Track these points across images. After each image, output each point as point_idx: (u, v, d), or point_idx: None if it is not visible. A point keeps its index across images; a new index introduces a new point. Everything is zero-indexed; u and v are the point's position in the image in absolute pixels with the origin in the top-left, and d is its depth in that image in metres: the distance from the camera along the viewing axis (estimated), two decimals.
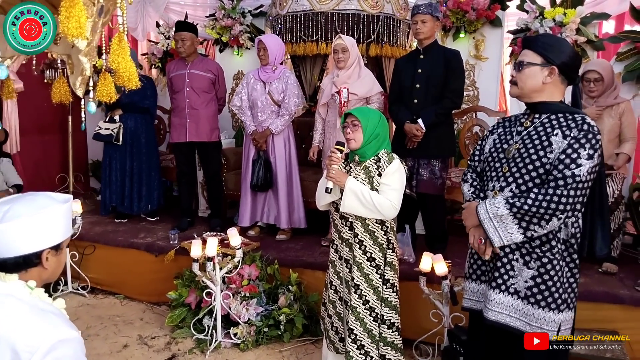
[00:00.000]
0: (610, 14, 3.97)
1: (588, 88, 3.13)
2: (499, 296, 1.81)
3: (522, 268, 1.77)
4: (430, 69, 3.15)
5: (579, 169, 1.63)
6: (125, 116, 4.26)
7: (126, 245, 3.77)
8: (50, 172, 5.34)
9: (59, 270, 1.35)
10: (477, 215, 1.80)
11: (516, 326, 1.78)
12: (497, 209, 1.74)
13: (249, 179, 3.76)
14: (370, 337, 2.29)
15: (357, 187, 2.20)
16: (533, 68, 1.77)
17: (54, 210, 1.28)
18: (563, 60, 1.75)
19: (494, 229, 1.75)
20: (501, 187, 1.80)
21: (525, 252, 1.77)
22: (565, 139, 1.68)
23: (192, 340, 3.08)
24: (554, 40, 1.86)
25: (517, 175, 1.76)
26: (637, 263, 3.36)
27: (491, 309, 1.82)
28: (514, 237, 1.73)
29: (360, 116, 2.25)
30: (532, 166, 1.73)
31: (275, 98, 3.68)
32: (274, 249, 3.55)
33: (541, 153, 1.71)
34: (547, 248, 1.74)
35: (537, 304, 1.75)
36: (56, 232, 1.29)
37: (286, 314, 3.02)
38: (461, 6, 4.05)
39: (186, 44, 3.89)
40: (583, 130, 1.67)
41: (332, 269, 2.45)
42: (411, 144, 3.16)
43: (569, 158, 1.65)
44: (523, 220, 1.70)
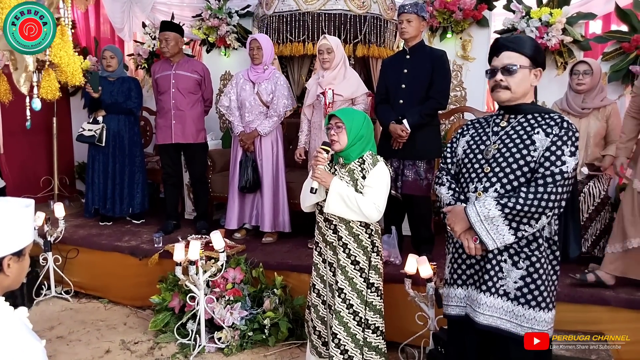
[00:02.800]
0: (596, 14, 3.97)
1: (577, 81, 3.11)
2: (489, 299, 1.78)
3: (511, 269, 1.76)
4: (416, 69, 3.13)
5: (566, 166, 1.66)
6: (108, 117, 4.20)
7: (110, 249, 3.72)
8: (36, 174, 5.25)
9: (21, 277, 1.30)
10: (467, 218, 1.76)
11: (507, 328, 1.76)
12: (488, 210, 1.71)
13: (237, 180, 3.72)
14: (354, 341, 2.26)
15: (342, 188, 2.18)
16: (524, 71, 1.76)
17: (15, 215, 1.24)
18: (542, 60, 1.79)
19: (486, 231, 1.72)
20: (485, 187, 1.78)
21: (514, 252, 1.76)
22: (548, 137, 1.69)
23: (176, 345, 3.03)
24: (529, 40, 1.83)
25: (501, 175, 1.75)
26: None
27: (482, 313, 1.79)
28: (505, 238, 1.72)
29: (344, 118, 2.22)
30: (516, 165, 1.72)
31: (264, 99, 3.65)
32: (260, 252, 3.51)
33: (524, 152, 1.71)
34: (535, 247, 1.74)
35: (527, 304, 1.74)
36: (17, 237, 1.25)
37: (271, 317, 2.98)
38: (448, 6, 4.04)
39: (170, 44, 3.84)
40: (564, 128, 1.69)
41: (315, 272, 2.42)
42: (396, 145, 3.13)
43: (554, 155, 1.67)
44: (514, 221, 1.69)
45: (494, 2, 4.13)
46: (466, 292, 1.89)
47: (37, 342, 1.17)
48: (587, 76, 3.07)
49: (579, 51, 3.91)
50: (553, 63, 3.94)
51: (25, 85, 2.07)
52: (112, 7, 5.58)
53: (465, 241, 1.80)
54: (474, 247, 1.78)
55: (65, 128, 5.64)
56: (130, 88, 4.24)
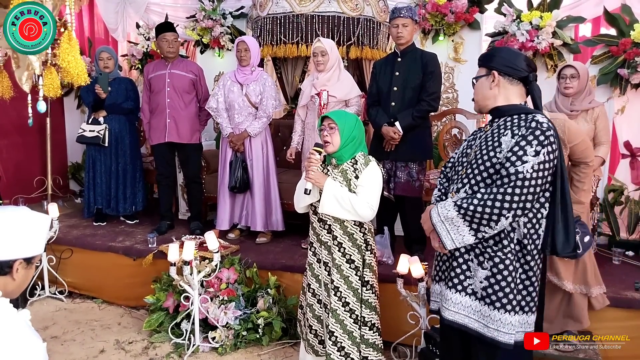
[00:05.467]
0: (585, 18, 4.03)
1: (564, 85, 3.16)
2: (455, 296, 1.82)
3: (477, 268, 1.78)
4: (407, 72, 3.17)
5: (523, 166, 1.64)
6: (109, 117, 4.22)
7: (104, 249, 3.73)
8: (30, 174, 5.24)
9: (24, 286, 1.35)
10: (430, 219, 1.83)
11: (475, 328, 1.78)
12: (447, 211, 1.77)
13: (227, 181, 3.74)
14: (350, 339, 2.30)
15: (335, 189, 2.22)
16: (480, 80, 1.86)
17: (35, 223, 1.31)
18: (498, 61, 1.81)
19: (446, 231, 1.78)
20: (457, 188, 1.84)
21: (479, 252, 1.78)
22: (514, 138, 1.70)
23: (170, 345, 3.05)
24: (493, 50, 1.96)
25: (471, 176, 1.79)
26: (612, 263, 3.42)
27: (448, 309, 1.83)
28: (465, 239, 1.75)
29: (337, 119, 2.26)
30: (483, 167, 1.75)
31: (253, 100, 3.67)
32: (254, 252, 3.54)
33: (491, 153, 1.74)
34: (499, 248, 1.74)
35: (492, 305, 1.74)
36: (32, 244, 1.31)
37: (264, 317, 3.01)
38: (440, 9, 4.09)
39: (174, 44, 3.92)
40: (530, 128, 1.68)
41: (310, 272, 2.45)
42: (389, 147, 3.17)
43: (515, 155, 1.66)
44: (473, 222, 1.71)
45: (486, 5, 4.18)
46: (439, 288, 1.95)
47: (40, 341, 1.20)
48: (574, 80, 3.12)
49: (569, 54, 3.97)
50: (543, 66, 3.99)
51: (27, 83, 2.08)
52: (106, 7, 5.59)
53: (432, 240, 1.89)
54: (438, 246, 1.85)
55: (59, 128, 5.62)
56: (127, 88, 4.28)
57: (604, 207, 3.68)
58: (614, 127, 3.85)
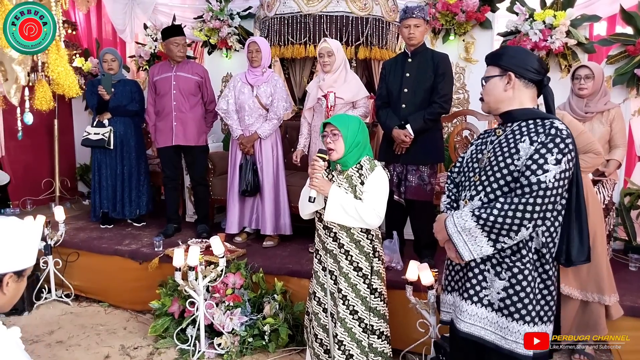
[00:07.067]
0: (601, 16, 3.93)
1: (579, 86, 3.08)
2: (471, 307, 1.76)
3: (494, 279, 1.72)
4: (418, 73, 3.10)
5: (545, 175, 1.58)
6: (114, 120, 4.19)
7: (110, 252, 3.71)
8: (38, 176, 5.24)
9: (14, 300, 1.30)
10: (445, 229, 1.76)
11: (491, 340, 1.73)
12: (464, 221, 1.70)
13: (237, 184, 3.70)
14: (359, 347, 2.26)
15: (341, 196, 2.15)
16: (493, 80, 1.77)
17: (24, 234, 1.26)
18: (512, 62, 1.73)
19: (464, 242, 1.71)
20: (471, 196, 1.77)
21: (496, 262, 1.72)
22: (532, 145, 1.63)
23: (176, 351, 3.01)
24: (506, 49, 1.86)
25: (486, 184, 1.72)
26: (628, 269, 3.32)
27: (463, 320, 1.78)
28: (484, 250, 1.69)
29: (339, 125, 2.19)
30: (499, 174, 1.69)
31: (263, 102, 3.62)
32: (260, 256, 3.49)
33: (508, 160, 1.67)
34: (517, 257, 1.69)
35: (510, 317, 1.69)
36: (22, 257, 1.26)
37: (271, 324, 2.96)
38: (450, 8, 4.00)
39: (183, 48, 3.89)
40: (550, 135, 1.62)
41: (315, 280, 2.40)
42: (399, 150, 3.10)
43: (535, 164, 1.60)
44: (492, 233, 1.65)
45: (497, 4, 4.09)
46: (452, 298, 1.89)
47: None
48: (588, 80, 3.03)
49: (583, 54, 3.86)
50: (557, 66, 3.90)
51: (15, 96, 2.05)
52: (114, 8, 5.57)
53: (448, 251, 1.83)
54: (454, 257, 1.79)
55: (67, 130, 5.62)
56: (132, 90, 4.26)
57: (620, 212, 3.58)
58: (630, 130, 3.75)
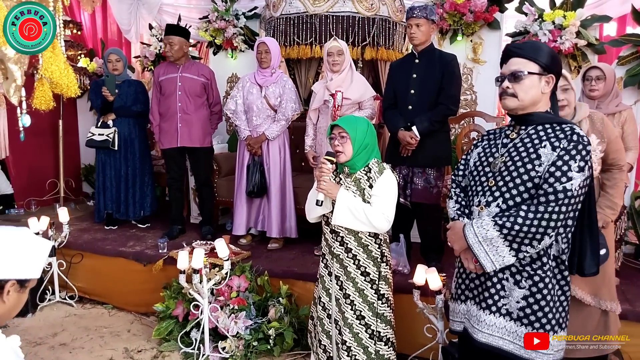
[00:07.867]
0: (611, 17, 3.87)
1: (589, 87, 3.02)
2: (489, 317, 1.72)
3: (513, 288, 1.68)
4: (425, 74, 3.05)
5: (571, 183, 1.54)
6: (118, 120, 4.17)
7: (114, 254, 3.68)
8: (43, 177, 5.23)
9: (14, 312, 1.27)
10: (465, 239, 1.70)
11: (510, 350, 1.69)
12: (486, 231, 1.64)
13: (244, 185, 3.66)
14: (365, 353, 2.23)
15: (349, 200, 2.11)
16: (533, 78, 1.66)
17: (34, 245, 1.25)
18: (552, 61, 1.67)
19: (485, 253, 1.65)
20: (487, 202, 1.70)
21: (516, 271, 1.68)
22: (555, 151, 1.58)
23: (180, 354, 2.98)
24: (543, 46, 1.74)
25: (504, 190, 1.66)
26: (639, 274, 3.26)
27: (481, 331, 1.73)
28: (505, 259, 1.64)
29: (347, 127, 2.15)
30: (519, 180, 1.63)
31: (272, 102, 3.59)
32: (265, 259, 3.46)
33: (529, 166, 1.62)
34: (538, 265, 1.65)
35: (530, 326, 1.66)
36: (28, 267, 1.24)
37: (276, 327, 2.92)
38: (458, 8, 3.95)
39: (174, 48, 3.80)
40: (573, 141, 1.58)
41: (321, 284, 2.36)
42: (405, 152, 3.06)
43: (559, 171, 1.56)
44: (514, 242, 1.60)
45: (506, 4, 4.04)
46: (466, 307, 1.84)
47: None
48: (600, 82, 2.98)
49: (593, 55, 3.81)
50: (567, 67, 3.84)
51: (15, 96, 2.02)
52: (119, 8, 5.56)
53: (465, 261, 1.77)
54: (473, 267, 1.73)
55: (72, 130, 5.61)
56: (137, 91, 4.24)
57: (631, 215, 3.52)
58: None
